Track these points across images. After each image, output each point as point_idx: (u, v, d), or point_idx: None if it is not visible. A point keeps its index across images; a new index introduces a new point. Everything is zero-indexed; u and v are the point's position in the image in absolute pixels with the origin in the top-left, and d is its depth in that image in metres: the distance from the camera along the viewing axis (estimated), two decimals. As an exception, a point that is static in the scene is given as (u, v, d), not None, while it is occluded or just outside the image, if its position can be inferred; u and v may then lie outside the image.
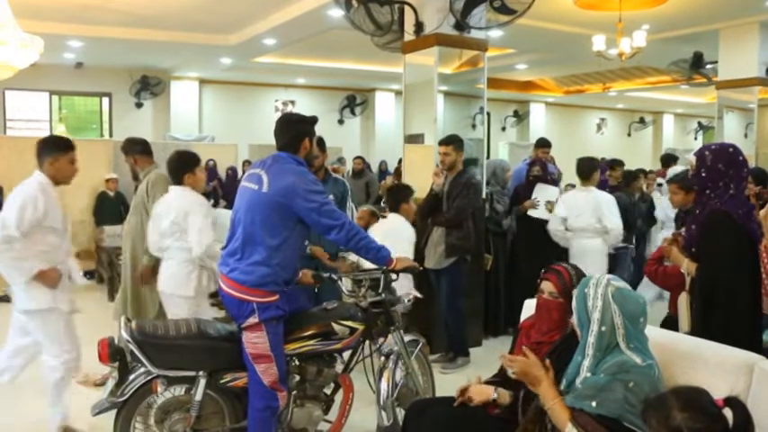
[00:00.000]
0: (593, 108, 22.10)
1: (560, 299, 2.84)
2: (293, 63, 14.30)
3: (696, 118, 23.41)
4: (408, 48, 6.62)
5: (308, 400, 3.49)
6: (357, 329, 3.48)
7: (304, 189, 3.24)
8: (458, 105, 7.11)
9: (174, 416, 3.30)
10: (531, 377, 2.52)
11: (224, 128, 16.10)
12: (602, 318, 2.46)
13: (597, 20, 9.38)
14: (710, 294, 3.29)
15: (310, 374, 3.45)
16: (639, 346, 2.47)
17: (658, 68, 14.19)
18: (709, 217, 3.32)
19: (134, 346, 3.16)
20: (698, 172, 3.37)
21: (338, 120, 18.06)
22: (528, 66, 14.59)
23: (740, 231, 3.33)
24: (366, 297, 3.59)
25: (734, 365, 2.63)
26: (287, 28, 10.20)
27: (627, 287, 2.55)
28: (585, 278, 2.63)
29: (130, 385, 3.20)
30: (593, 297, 2.50)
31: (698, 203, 3.46)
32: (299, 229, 3.34)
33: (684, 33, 10.60)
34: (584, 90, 18.16)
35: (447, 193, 5.48)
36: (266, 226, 3.24)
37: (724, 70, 10.27)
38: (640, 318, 2.50)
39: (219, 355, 3.31)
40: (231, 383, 3.31)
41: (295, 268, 3.45)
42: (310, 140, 3.54)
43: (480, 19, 6.29)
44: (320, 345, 3.41)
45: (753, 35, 9.82)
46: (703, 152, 3.38)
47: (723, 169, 3.33)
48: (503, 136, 19.82)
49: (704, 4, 9.07)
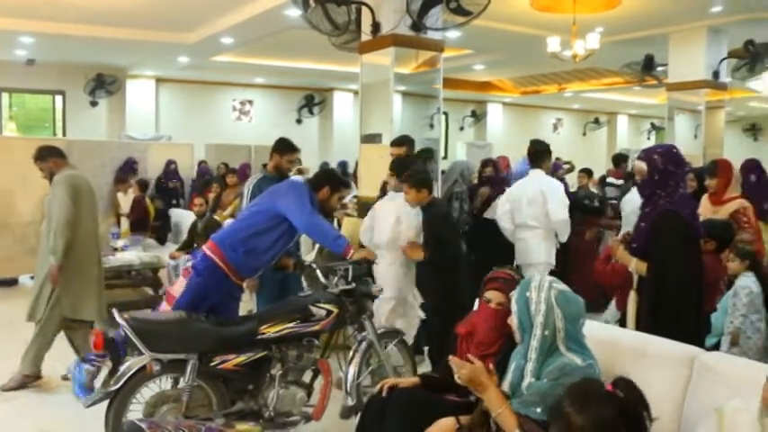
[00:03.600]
0: (550, 108, 22.38)
1: (508, 307, 2.76)
2: (251, 62, 14.21)
3: (649, 119, 23.88)
4: (365, 48, 6.66)
5: (291, 384, 3.70)
6: (333, 312, 3.74)
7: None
8: (416, 105, 7.17)
9: (164, 408, 3.44)
10: (477, 383, 2.50)
11: (181, 127, 15.90)
12: (545, 321, 2.48)
13: (552, 22, 9.54)
14: (661, 292, 3.38)
15: (291, 359, 3.68)
16: (578, 346, 2.51)
17: (612, 70, 14.45)
18: (660, 216, 3.41)
19: (129, 330, 3.30)
20: (650, 176, 3.46)
21: (296, 119, 18.00)
22: (485, 66, 14.72)
23: (688, 230, 3.44)
24: (338, 285, 3.86)
25: (675, 359, 2.72)
26: (245, 27, 10.15)
27: (567, 289, 2.58)
28: (526, 281, 2.64)
29: (125, 372, 3.30)
30: (536, 301, 2.51)
31: (648, 203, 3.55)
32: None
33: (636, 36, 10.83)
34: (541, 91, 18.39)
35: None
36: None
37: (674, 73, 10.54)
38: (580, 319, 2.54)
39: (208, 337, 3.49)
40: (220, 366, 3.49)
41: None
42: (330, 191, 4.19)
43: (436, 20, 6.35)
44: (299, 327, 3.65)
45: (700, 39, 10.10)
46: (651, 156, 3.46)
47: (672, 170, 3.44)
48: (461, 136, 19.97)
49: (655, 8, 9.28)
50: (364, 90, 6.91)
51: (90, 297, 4.97)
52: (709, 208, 5.17)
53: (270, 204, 4.01)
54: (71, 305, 4.89)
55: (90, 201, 5.00)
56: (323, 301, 3.76)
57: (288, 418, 3.68)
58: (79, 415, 3.67)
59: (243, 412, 3.57)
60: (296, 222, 3.92)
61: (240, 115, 17.65)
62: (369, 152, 6.80)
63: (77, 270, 4.88)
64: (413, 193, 4.70)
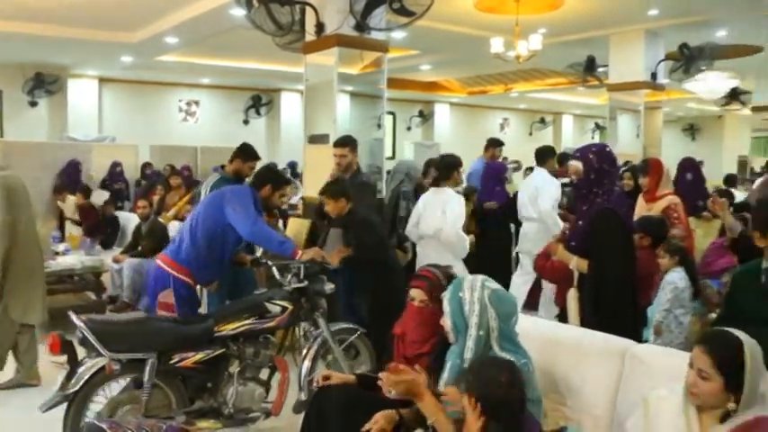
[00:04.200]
0: (497, 108, 22.67)
1: (431, 305, 2.83)
2: (197, 62, 14.02)
3: (593, 118, 24.39)
4: (309, 48, 6.66)
5: (249, 381, 3.77)
6: (287, 309, 3.84)
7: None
8: (363, 105, 7.20)
9: (123, 409, 3.46)
10: (412, 394, 2.48)
11: (125, 128, 15.58)
12: (480, 322, 2.49)
13: (496, 23, 9.68)
14: (600, 288, 3.47)
15: (248, 356, 3.75)
16: (512, 345, 2.54)
17: (556, 71, 14.73)
18: (598, 214, 3.50)
19: (87, 332, 3.31)
20: (587, 175, 3.54)
21: (243, 120, 17.85)
22: (431, 66, 14.84)
23: (624, 227, 3.55)
24: (291, 283, 3.94)
25: (609, 352, 2.81)
26: (189, 26, 10.01)
27: (500, 287, 2.59)
28: (457, 281, 2.63)
29: (83, 374, 3.31)
30: (470, 302, 2.51)
31: (584, 201, 3.63)
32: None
33: (578, 38, 11.07)
34: (487, 91, 18.60)
35: None
36: None
37: (614, 74, 10.82)
38: (513, 317, 2.56)
39: (167, 335, 3.55)
40: (179, 364, 3.53)
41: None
42: (272, 189, 4.33)
43: (380, 20, 6.37)
44: (256, 323, 3.74)
45: (639, 42, 10.39)
46: (587, 155, 3.55)
47: (607, 168, 3.55)
48: (408, 135, 20.08)
49: (595, 10, 9.49)
50: (309, 90, 6.91)
51: (37, 301, 4.85)
52: (644, 206, 5.32)
53: (219, 214, 4.11)
54: (22, 309, 4.77)
55: (26, 202, 4.84)
56: (278, 298, 3.86)
57: (247, 415, 3.73)
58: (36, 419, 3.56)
59: (203, 410, 3.62)
60: (240, 231, 4.06)
61: (186, 116, 17.41)
62: (314, 153, 6.79)
63: (24, 273, 4.73)
64: (332, 203, 4.79)
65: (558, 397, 2.84)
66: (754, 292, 2.70)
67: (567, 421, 2.77)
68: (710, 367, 2.08)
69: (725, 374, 2.06)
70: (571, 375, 2.83)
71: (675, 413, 2.20)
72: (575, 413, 2.79)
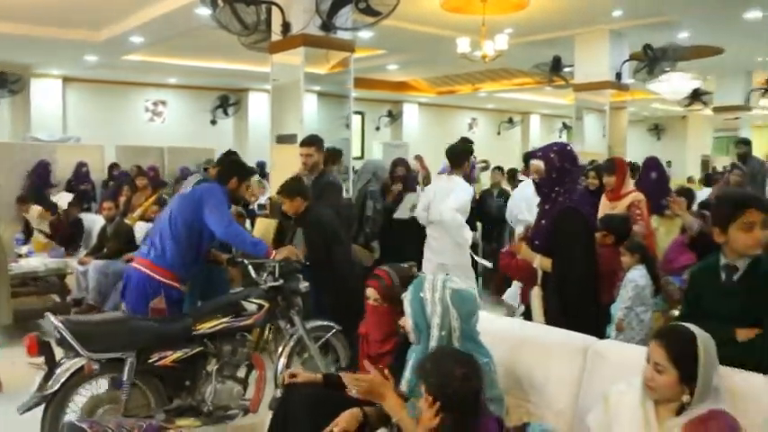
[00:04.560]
0: (465, 108, 22.76)
1: (385, 304, 2.84)
2: (164, 62, 13.87)
3: (561, 118, 24.61)
4: (275, 48, 6.65)
5: (227, 379, 3.81)
6: (264, 306, 3.91)
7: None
8: (331, 105, 7.20)
9: (102, 410, 3.47)
10: (375, 394, 2.46)
11: (90, 128, 15.29)
12: (442, 322, 2.48)
13: (462, 23, 9.73)
14: (564, 286, 3.51)
15: (226, 354, 3.79)
16: (473, 344, 2.54)
17: (523, 71, 14.83)
18: (561, 213, 3.53)
19: (66, 332, 3.32)
20: (548, 175, 3.57)
21: (211, 120, 17.68)
22: (399, 66, 14.86)
23: (587, 225, 3.59)
24: (266, 282, 4.02)
25: (572, 349, 2.84)
26: (155, 25, 9.89)
27: (461, 286, 2.58)
28: (418, 281, 2.61)
29: (61, 375, 3.31)
30: (432, 302, 2.50)
31: (547, 200, 3.67)
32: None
33: (544, 38, 11.17)
34: (456, 91, 18.67)
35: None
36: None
37: (579, 74, 10.95)
38: (474, 316, 2.56)
39: (146, 334, 3.57)
40: (158, 363, 3.56)
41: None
42: (239, 181, 4.34)
43: (346, 20, 6.39)
44: (233, 321, 3.80)
45: (603, 42, 10.52)
46: (548, 154, 3.57)
47: (569, 167, 3.58)
48: (377, 135, 20.08)
49: (560, 11, 9.59)
50: (275, 90, 6.90)
51: (4, 300, 4.78)
52: (607, 204, 5.40)
53: (198, 212, 4.11)
54: None
55: None
56: (254, 296, 3.93)
57: (226, 412, 3.77)
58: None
59: (182, 408, 3.65)
60: (216, 231, 4.10)
61: (153, 116, 17.20)
62: (281, 153, 6.78)
63: None
64: (287, 202, 4.82)
65: (522, 393, 2.86)
66: (713, 288, 2.73)
67: (530, 417, 2.79)
68: (666, 361, 2.13)
69: (679, 367, 2.12)
70: (534, 372, 2.86)
71: (634, 407, 2.25)
72: (538, 409, 2.82)
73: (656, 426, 2.18)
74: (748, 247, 2.62)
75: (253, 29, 6.40)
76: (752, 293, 2.62)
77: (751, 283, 2.63)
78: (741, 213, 2.60)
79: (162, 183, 10.22)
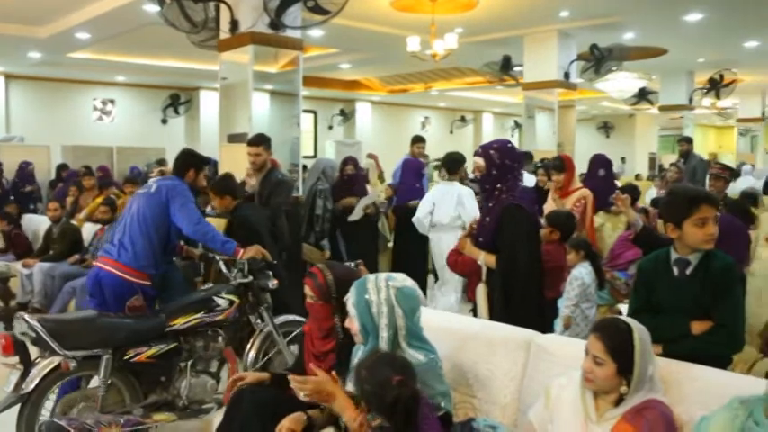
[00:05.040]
0: (418, 107, 22.87)
1: (320, 302, 2.83)
2: (112, 59, 13.58)
3: (512, 117, 24.90)
4: (224, 46, 6.59)
5: (201, 373, 3.90)
6: (235, 302, 4.01)
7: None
8: (282, 104, 7.15)
9: (77, 408, 3.50)
10: (323, 395, 2.42)
11: (35, 128, 14.95)
12: (389, 322, 2.48)
13: (412, 22, 9.78)
14: (509, 282, 3.55)
15: (199, 349, 3.89)
16: (418, 341, 2.55)
17: (474, 69, 14.96)
18: (504, 210, 3.58)
19: (43, 331, 3.35)
20: (489, 171, 3.62)
21: (161, 119, 17.42)
22: (351, 65, 14.85)
23: (530, 221, 3.64)
24: (236, 278, 4.10)
25: (515, 343, 2.88)
26: (101, 22, 9.69)
27: (403, 283, 2.58)
28: (360, 283, 2.59)
29: (37, 374, 3.34)
30: (377, 303, 2.49)
31: (490, 198, 3.71)
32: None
33: (494, 38, 11.29)
34: (408, 89, 18.74)
35: (258, 194, 5.43)
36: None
37: (529, 73, 11.10)
38: (417, 312, 2.57)
39: (122, 331, 3.63)
40: (134, 359, 3.62)
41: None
42: (196, 172, 4.41)
43: (295, 18, 6.37)
44: (206, 317, 3.88)
45: (552, 42, 10.68)
46: (488, 152, 3.62)
47: (509, 164, 3.62)
48: (330, 134, 20.05)
49: (509, 11, 9.70)
50: (225, 89, 6.84)
51: None
52: (556, 201, 5.49)
53: (163, 215, 4.18)
54: None
55: None
56: (224, 292, 4.01)
57: (201, 406, 3.83)
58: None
59: (157, 404, 3.71)
60: (185, 230, 4.18)
61: (101, 115, 16.84)
62: (231, 152, 6.73)
63: None
64: (217, 200, 4.94)
65: (467, 389, 2.88)
66: (665, 282, 2.77)
67: (476, 412, 2.81)
68: (603, 353, 2.19)
69: (617, 359, 2.17)
70: (479, 367, 2.89)
71: (574, 400, 2.30)
72: (483, 404, 2.84)
73: (595, 417, 2.23)
74: (702, 242, 2.69)
75: (201, 26, 6.34)
76: (704, 287, 2.68)
77: (703, 277, 2.70)
78: (696, 209, 2.66)
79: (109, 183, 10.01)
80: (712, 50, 12.77)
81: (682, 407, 2.28)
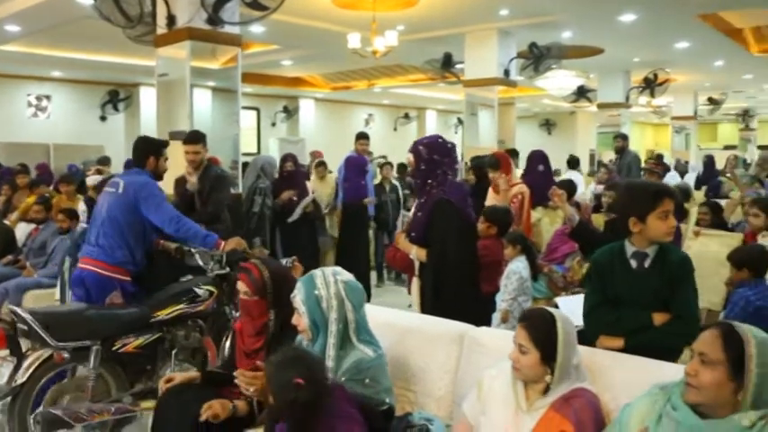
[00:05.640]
0: (361, 104, 22.86)
1: (255, 297, 2.82)
2: (46, 54, 13.10)
3: (456, 114, 25.03)
4: (161, 41, 6.48)
5: (183, 362, 4.01)
6: (214, 293, 4.11)
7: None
8: (223, 101, 7.08)
9: (68, 396, 3.58)
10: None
11: (-36, 125, 14.47)
12: (339, 316, 2.49)
13: (354, 19, 9.76)
14: (440, 276, 3.61)
15: (180, 338, 4.01)
16: (367, 335, 2.58)
17: (416, 67, 15.04)
18: (435, 205, 3.63)
19: (35, 323, 3.41)
20: (418, 166, 3.68)
21: (100, 116, 16.99)
22: (293, 62, 14.75)
23: (461, 216, 3.70)
24: (213, 270, 4.17)
25: (449, 336, 2.93)
26: (31, 13, 9.31)
27: (349, 278, 2.61)
28: (307, 279, 2.59)
29: (29, 366, 3.41)
30: (327, 297, 2.50)
31: (422, 193, 3.77)
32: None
33: (435, 35, 11.35)
34: (351, 86, 18.71)
35: (198, 191, 5.32)
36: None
37: (470, 70, 11.21)
38: (363, 305, 2.60)
39: (111, 322, 3.74)
40: (122, 349, 3.74)
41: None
42: (156, 158, 4.45)
43: (233, 14, 6.30)
44: (188, 307, 4.00)
45: (492, 40, 10.80)
46: (417, 147, 3.71)
47: (438, 159, 3.69)
48: (273, 131, 19.91)
49: (449, 9, 9.78)
50: (163, 85, 6.73)
51: None
52: (495, 197, 5.58)
53: (135, 214, 4.24)
54: None
55: None
56: (203, 283, 4.13)
57: None
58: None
59: (143, 392, 3.79)
60: (167, 230, 4.28)
61: (36, 111, 16.31)
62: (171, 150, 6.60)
63: None
64: None
65: (404, 383, 2.91)
66: (623, 276, 2.81)
67: (412, 406, 2.84)
68: (528, 341, 2.25)
69: (540, 347, 2.23)
70: (415, 361, 2.92)
71: (505, 390, 2.35)
72: (419, 397, 2.88)
73: (525, 406, 2.28)
74: (665, 234, 2.76)
75: (137, 21, 6.21)
76: (663, 279, 2.75)
77: (662, 269, 2.76)
78: (660, 203, 2.73)
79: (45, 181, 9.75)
80: (646, 50, 13.09)
81: (609, 395, 2.35)
